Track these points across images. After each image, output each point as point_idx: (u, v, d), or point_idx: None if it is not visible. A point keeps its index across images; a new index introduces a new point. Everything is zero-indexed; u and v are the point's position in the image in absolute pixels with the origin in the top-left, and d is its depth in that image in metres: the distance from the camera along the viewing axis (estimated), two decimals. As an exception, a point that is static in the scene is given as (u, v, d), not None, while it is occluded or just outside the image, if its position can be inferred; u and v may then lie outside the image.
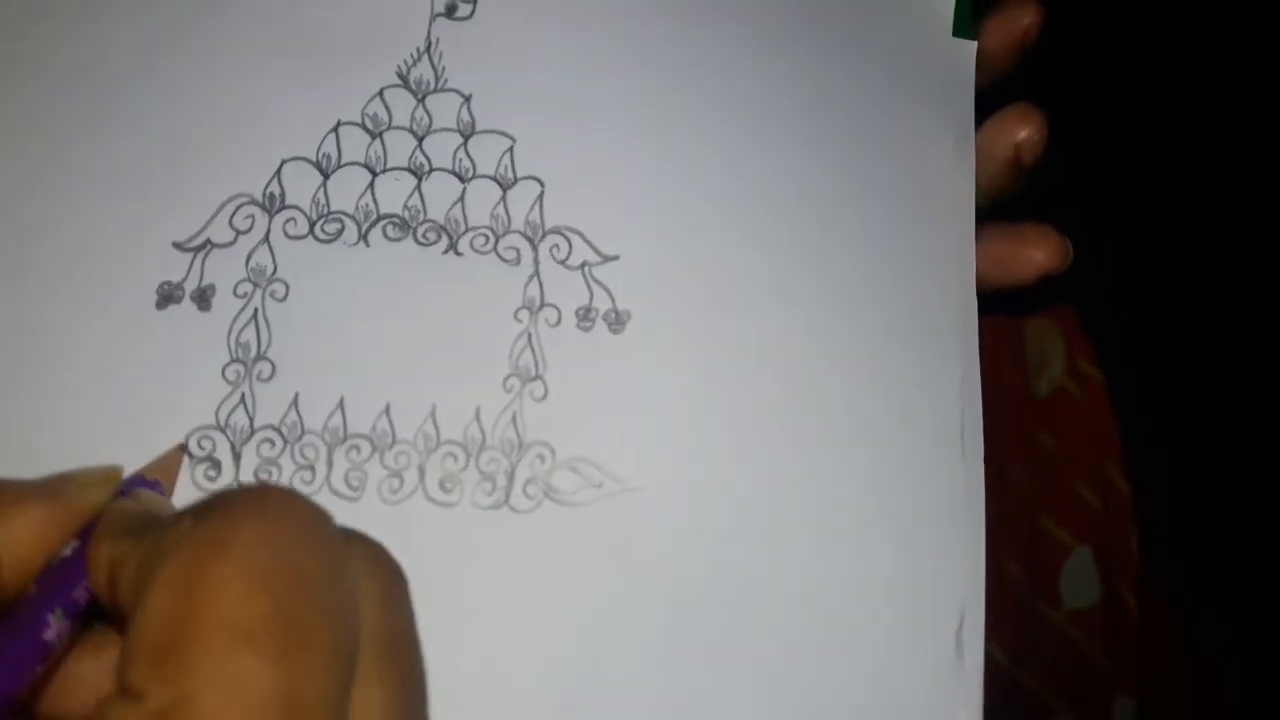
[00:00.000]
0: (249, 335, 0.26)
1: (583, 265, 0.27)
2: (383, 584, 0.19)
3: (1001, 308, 0.37)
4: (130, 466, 0.24)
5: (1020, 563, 0.38)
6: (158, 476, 0.23)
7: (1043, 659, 0.38)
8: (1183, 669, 0.42)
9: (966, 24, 0.31)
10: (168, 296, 0.26)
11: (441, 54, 0.28)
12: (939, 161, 0.29)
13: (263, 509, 0.17)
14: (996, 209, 0.31)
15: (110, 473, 0.21)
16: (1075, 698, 0.39)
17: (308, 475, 0.25)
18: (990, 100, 0.31)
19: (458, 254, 0.27)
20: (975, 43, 0.31)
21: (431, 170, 0.28)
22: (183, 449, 0.25)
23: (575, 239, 0.27)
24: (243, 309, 0.26)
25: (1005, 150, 0.30)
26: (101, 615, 0.19)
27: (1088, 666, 0.39)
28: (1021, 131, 0.30)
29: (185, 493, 0.24)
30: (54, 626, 0.18)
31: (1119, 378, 0.41)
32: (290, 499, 0.18)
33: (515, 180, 0.28)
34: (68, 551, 0.19)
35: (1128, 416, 0.40)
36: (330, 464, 0.25)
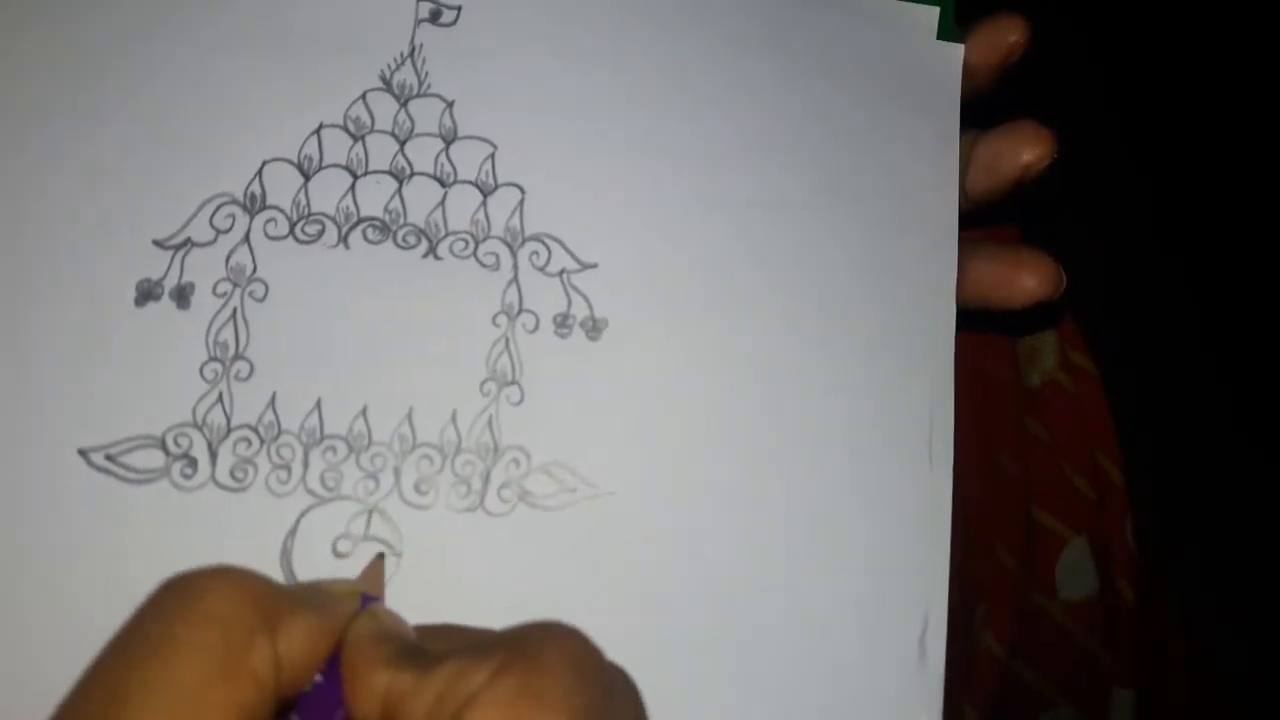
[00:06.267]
0: (227, 334, 0.26)
1: (561, 272, 0.27)
2: (638, 707, 0.20)
3: (992, 327, 0.37)
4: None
5: (1015, 555, 0.38)
6: (373, 591, 0.23)
7: (1040, 651, 0.39)
8: (1181, 659, 0.42)
9: (950, 25, 0.31)
10: (147, 294, 0.26)
11: (425, 59, 0.29)
12: (921, 168, 0.29)
13: (566, 654, 0.18)
14: (982, 207, 0.31)
15: (353, 587, 0.21)
16: (1073, 689, 0.39)
17: (284, 475, 0.25)
18: (979, 105, 0.31)
19: (437, 258, 0.27)
20: (961, 46, 0.30)
21: (413, 174, 0.28)
22: (382, 558, 0.25)
23: (554, 246, 0.28)
24: (222, 308, 0.26)
25: (1013, 169, 0.30)
26: None
27: (1085, 658, 0.39)
28: (1033, 153, 0.30)
29: (162, 491, 0.25)
30: None
31: (1113, 369, 0.41)
32: (577, 639, 0.19)
33: (496, 186, 0.28)
34: (318, 678, 0.19)
35: (1123, 407, 0.40)
36: (306, 464, 0.25)
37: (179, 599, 0.18)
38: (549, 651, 0.18)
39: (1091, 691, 0.40)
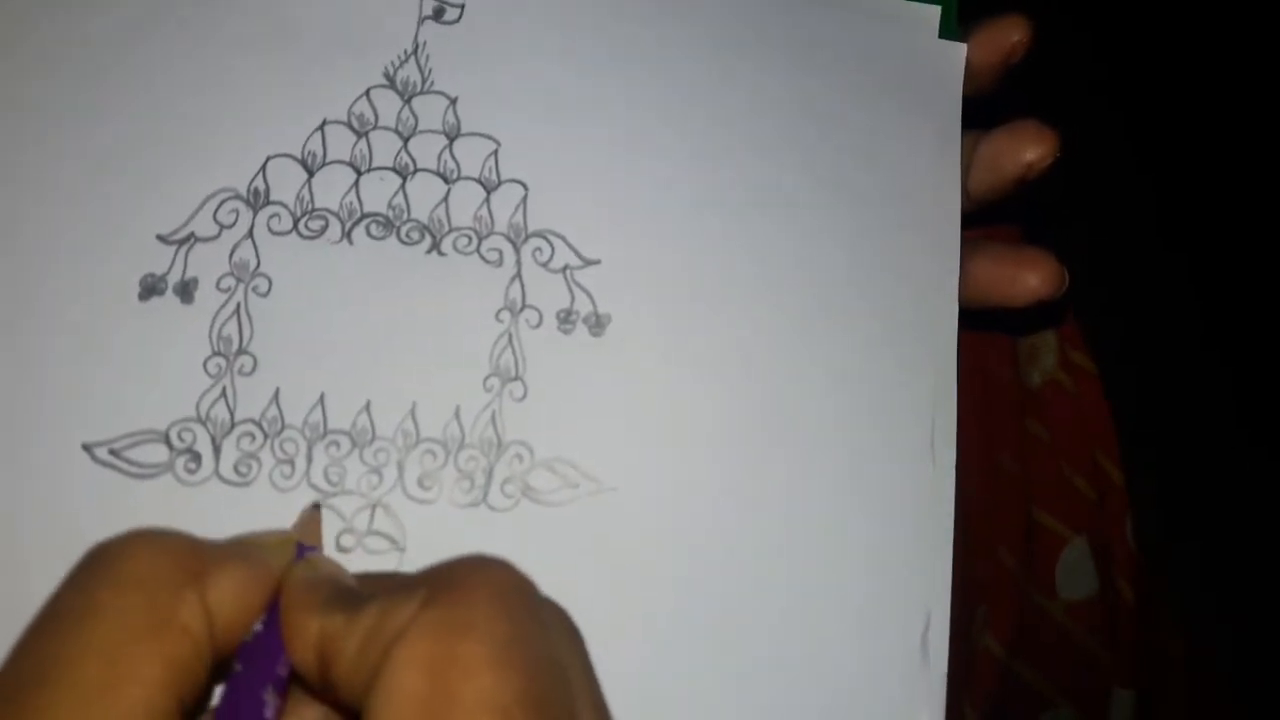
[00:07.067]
0: (231, 329, 0.26)
1: (564, 268, 0.27)
2: (575, 640, 0.19)
3: (994, 326, 0.37)
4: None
5: (1016, 555, 0.38)
6: (310, 541, 0.23)
7: (1040, 651, 0.39)
8: (1181, 659, 0.42)
9: (953, 24, 0.31)
10: (151, 289, 0.26)
11: (428, 56, 0.29)
12: (924, 167, 0.29)
13: (492, 585, 0.18)
14: (985, 208, 0.31)
15: (286, 537, 0.21)
16: (1073, 689, 0.39)
17: (287, 470, 0.25)
18: (981, 104, 0.31)
19: (440, 254, 0.27)
20: (964, 45, 0.30)
21: (416, 171, 0.28)
22: (317, 507, 0.25)
23: (558, 242, 0.28)
24: (225, 303, 0.26)
25: (1015, 168, 0.30)
26: None
27: (1085, 658, 0.40)
28: (1036, 152, 0.30)
29: (166, 486, 0.25)
30: (271, 705, 0.18)
31: (1113, 368, 0.41)
32: (508, 571, 0.19)
33: (499, 183, 0.28)
34: (259, 626, 0.19)
35: (1123, 407, 0.40)
36: (310, 459, 0.25)
37: (100, 565, 0.18)
38: (475, 583, 0.18)
39: (1091, 691, 0.40)
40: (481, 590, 0.18)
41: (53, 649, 0.17)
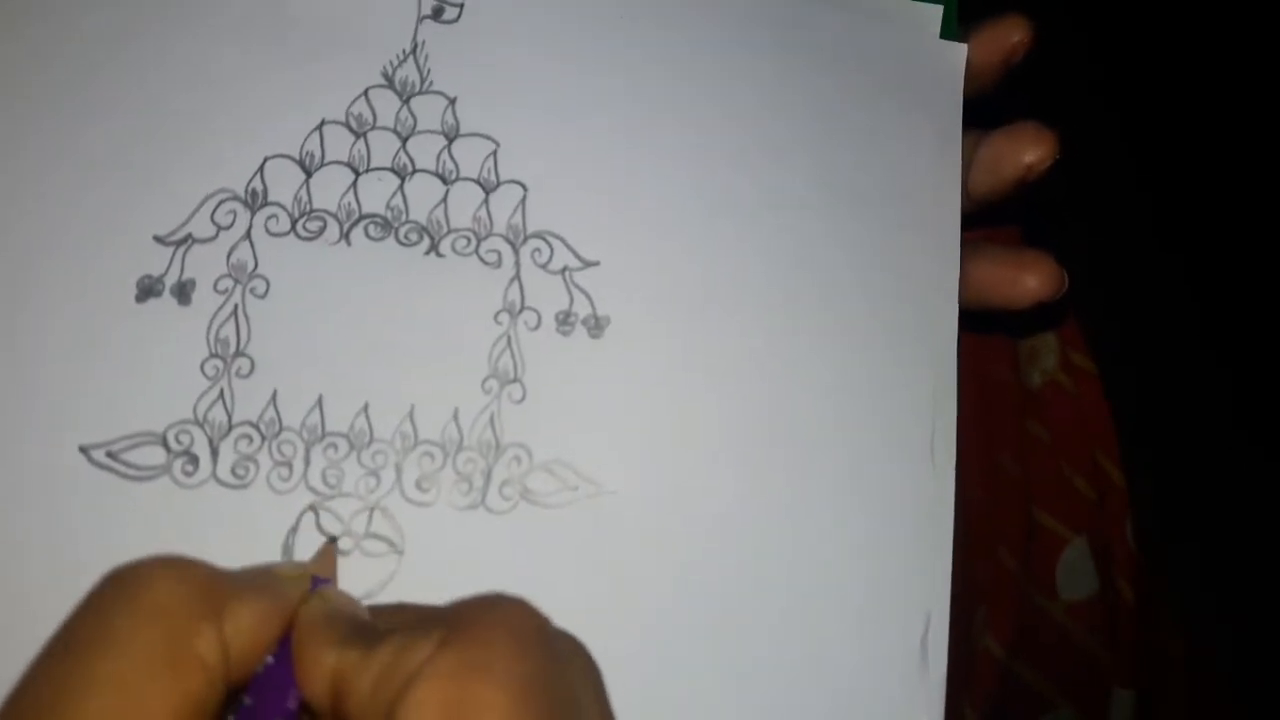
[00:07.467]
0: (228, 331, 0.26)
1: (563, 270, 0.27)
2: (592, 676, 0.19)
3: (993, 328, 0.37)
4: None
5: (1016, 556, 0.38)
6: (325, 574, 0.23)
7: (1040, 651, 0.39)
8: (1181, 659, 0.42)
9: (954, 24, 0.31)
10: (148, 290, 0.26)
11: (427, 56, 0.28)
12: (924, 167, 0.29)
13: (510, 625, 0.18)
14: (986, 209, 0.31)
15: (302, 569, 0.21)
16: (1073, 689, 0.39)
17: (285, 472, 0.25)
18: (981, 105, 0.31)
19: (439, 255, 0.27)
20: (965, 45, 0.30)
21: (415, 171, 0.28)
22: (334, 541, 0.24)
23: (557, 244, 0.28)
24: (223, 305, 0.26)
25: (1015, 170, 0.30)
26: None
27: (1085, 658, 0.39)
28: (1035, 154, 0.30)
29: (163, 488, 0.25)
30: None
31: (1113, 369, 0.41)
32: (521, 609, 0.19)
33: (498, 183, 0.28)
34: (270, 659, 0.19)
35: (1123, 407, 0.40)
36: (308, 461, 0.25)
37: (121, 592, 0.18)
38: (492, 623, 0.18)
39: (1091, 691, 0.40)
40: (499, 631, 0.18)
41: (66, 678, 0.17)
